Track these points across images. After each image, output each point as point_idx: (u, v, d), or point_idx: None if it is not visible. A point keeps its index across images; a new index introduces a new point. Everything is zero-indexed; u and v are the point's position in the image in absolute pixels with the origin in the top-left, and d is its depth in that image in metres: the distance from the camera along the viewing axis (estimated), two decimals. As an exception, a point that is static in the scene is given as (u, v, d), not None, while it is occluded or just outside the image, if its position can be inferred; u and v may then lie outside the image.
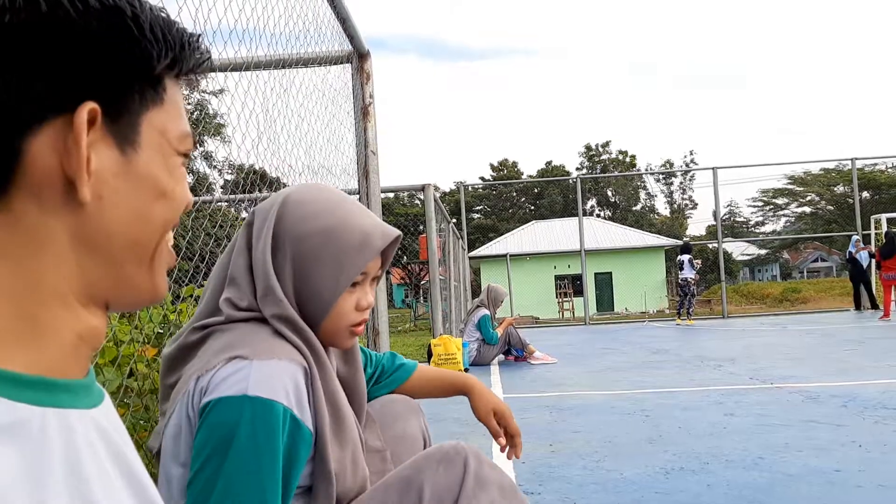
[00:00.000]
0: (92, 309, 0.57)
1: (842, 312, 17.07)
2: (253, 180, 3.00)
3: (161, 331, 1.95)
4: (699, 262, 17.50)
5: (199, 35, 0.60)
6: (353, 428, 1.26)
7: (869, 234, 17.66)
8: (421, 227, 7.90)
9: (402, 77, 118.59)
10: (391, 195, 36.46)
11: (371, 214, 1.28)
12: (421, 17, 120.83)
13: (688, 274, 15.02)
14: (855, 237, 16.78)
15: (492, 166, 68.67)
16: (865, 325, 11.94)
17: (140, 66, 0.55)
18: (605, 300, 36.19)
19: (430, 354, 7.51)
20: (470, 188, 58.65)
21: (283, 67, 2.93)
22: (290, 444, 1.08)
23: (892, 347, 7.83)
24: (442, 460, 1.26)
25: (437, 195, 8.30)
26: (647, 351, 8.94)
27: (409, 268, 30.58)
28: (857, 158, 19.04)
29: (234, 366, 1.07)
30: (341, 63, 3.69)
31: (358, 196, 3.55)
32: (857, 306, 16.50)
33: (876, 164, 54.42)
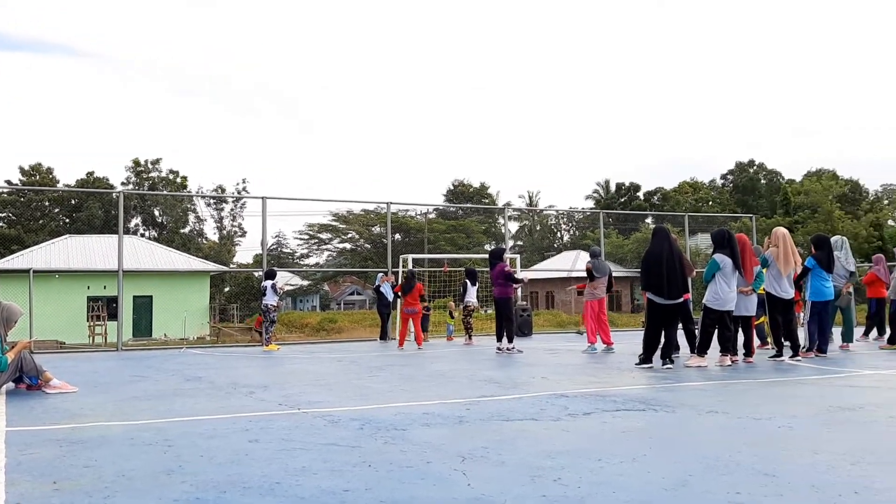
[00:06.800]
0: None
1: (370, 341, 18.63)
2: None
3: None
4: (283, 287, 17.64)
5: None
6: None
7: (397, 272, 19.63)
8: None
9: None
10: None
11: None
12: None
13: (270, 300, 15.00)
14: (380, 274, 18.62)
15: (22, 170, 61.27)
16: (388, 353, 13.16)
17: None
18: (143, 325, 34.49)
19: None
20: (-7, 193, 51.52)
21: None
22: None
23: (408, 374, 8.71)
24: None
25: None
26: (181, 378, 8.63)
27: None
28: (391, 203, 21.21)
29: None
30: None
31: None
32: (383, 336, 18.18)
33: (408, 210, 61.48)
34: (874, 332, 13.79)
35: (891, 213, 56.39)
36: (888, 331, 12.16)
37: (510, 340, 12.30)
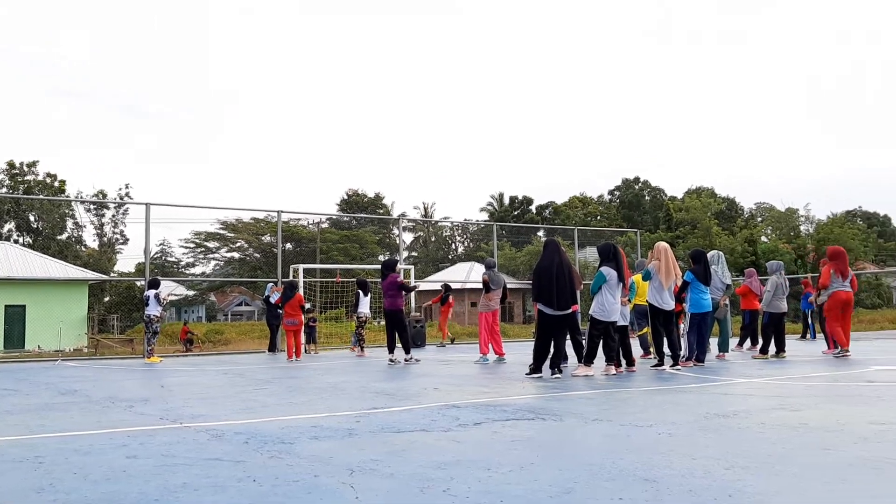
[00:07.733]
0: None
1: (259, 353, 18.21)
2: None
3: None
4: (167, 297, 16.96)
5: None
6: None
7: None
8: None
9: None
10: None
11: None
12: None
13: (152, 311, 14.37)
14: (270, 284, 18.20)
15: None
16: (276, 365, 12.89)
17: None
18: (15, 336, 32.56)
19: None
20: None
21: None
22: None
23: (296, 386, 8.55)
24: None
25: None
26: (55, 392, 8.18)
27: None
28: (282, 211, 20.76)
29: None
30: None
31: None
32: (272, 348, 17.75)
33: (300, 220, 60.56)
34: (748, 343, 14.54)
35: (763, 229, 59.74)
36: (760, 341, 12.84)
37: (407, 351, 12.27)
